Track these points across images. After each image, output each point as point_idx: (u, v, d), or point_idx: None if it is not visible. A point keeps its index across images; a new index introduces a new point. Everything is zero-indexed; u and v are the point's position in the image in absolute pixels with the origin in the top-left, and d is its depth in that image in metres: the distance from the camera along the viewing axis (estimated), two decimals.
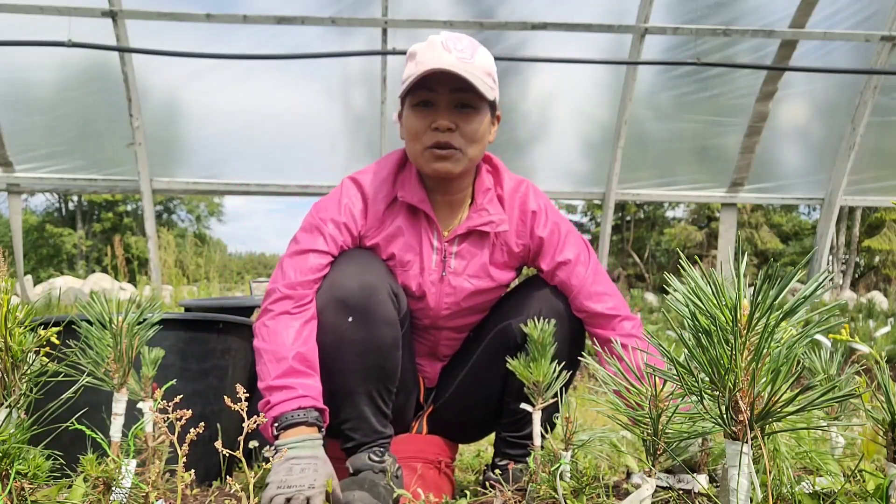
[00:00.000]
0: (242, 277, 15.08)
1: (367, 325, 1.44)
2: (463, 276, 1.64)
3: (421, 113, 1.51)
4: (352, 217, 1.57)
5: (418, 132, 1.52)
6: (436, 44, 1.49)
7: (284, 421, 1.33)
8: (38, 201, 30.89)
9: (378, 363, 1.47)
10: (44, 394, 1.04)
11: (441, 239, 1.62)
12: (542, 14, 5.68)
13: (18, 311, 1.02)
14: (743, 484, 0.69)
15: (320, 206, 1.60)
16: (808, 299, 0.67)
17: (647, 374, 0.87)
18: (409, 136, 1.56)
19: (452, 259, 1.63)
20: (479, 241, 1.64)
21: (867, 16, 5.71)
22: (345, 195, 1.59)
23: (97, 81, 5.85)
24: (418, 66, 1.47)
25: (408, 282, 1.61)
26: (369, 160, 6.34)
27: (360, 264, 1.50)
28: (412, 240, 1.60)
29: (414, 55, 1.51)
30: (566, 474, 1.22)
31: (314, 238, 1.53)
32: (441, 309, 1.66)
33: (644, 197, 6.49)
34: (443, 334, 1.73)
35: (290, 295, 1.46)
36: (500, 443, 1.70)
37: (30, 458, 1.01)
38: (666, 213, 29.19)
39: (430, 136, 1.51)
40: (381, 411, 1.51)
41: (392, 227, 1.59)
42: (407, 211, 1.60)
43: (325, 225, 1.54)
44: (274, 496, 1.21)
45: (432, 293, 1.63)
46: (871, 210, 20.96)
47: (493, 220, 1.61)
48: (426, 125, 1.51)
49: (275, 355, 1.39)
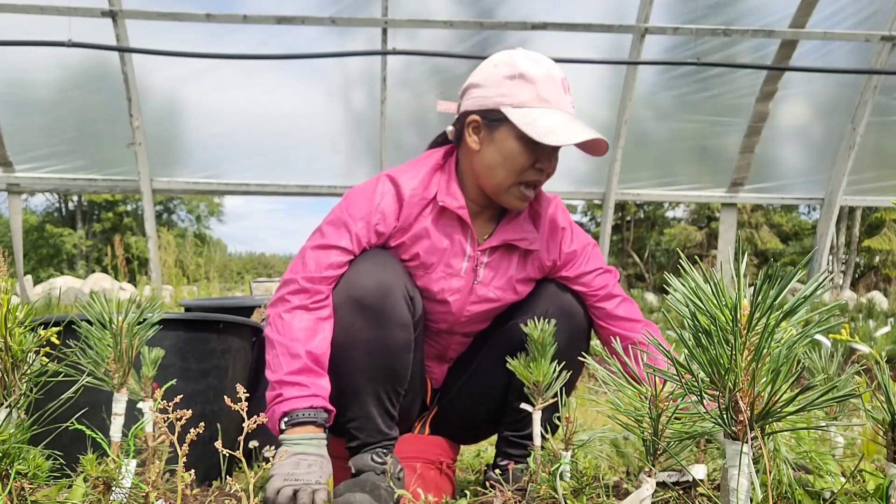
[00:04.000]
0: (242, 277, 15.09)
1: (380, 326, 1.44)
2: (490, 286, 1.62)
3: (530, 150, 1.47)
4: (383, 217, 1.53)
5: (521, 167, 1.49)
6: (557, 81, 1.48)
7: (295, 418, 1.34)
8: (38, 201, 30.91)
9: (389, 364, 1.47)
10: (44, 394, 1.04)
11: (475, 247, 1.60)
12: (542, 14, 5.67)
13: (18, 311, 1.01)
14: (743, 484, 0.69)
15: (352, 200, 1.55)
16: (808, 299, 0.67)
17: (647, 373, 0.87)
18: (506, 166, 1.50)
19: (482, 269, 1.61)
20: (510, 255, 1.63)
21: (867, 16, 5.71)
22: (379, 193, 1.55)
23: (97, 81, 5.84)
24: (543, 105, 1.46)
25: (430, 285, 1.59)
26: (369, 160, 6.39)
27: (378, 264, 1.49)
28: (440, 243, 1.57)
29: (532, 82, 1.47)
30: (566, 474, 1.22)
31: (340, 234, 1.51)
32: (462, 315, 1.65)
33: (644, 197, 6.49)
34: (455, 339, 1.73)
35: (308, 289, 1.46)
36: (501, 442, 1.70)
37: (30, 458, 1.01)
38: (666, 213, 29.19)
39: (532, 173, 1.51)
40: (388, 413, 1.50)
41: (420, 227, 1.56)
42: (439, 214, 1.57)
43: (353, 223, 1.51)
44: (281, 488, 1.22)
45: (456, 299, 1.62)
46: (871, 210, 20.96)
47: (527, 236, 1.61)
48: (531, 163, 1.49)
49: (289, 350, 1.40)
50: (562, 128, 1.43)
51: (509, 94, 1.47)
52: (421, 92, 6.12)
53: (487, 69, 1.52)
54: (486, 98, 1.50)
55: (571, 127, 1.44)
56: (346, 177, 6.29)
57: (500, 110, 1.48)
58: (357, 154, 6.48)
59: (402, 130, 6.24)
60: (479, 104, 1.51)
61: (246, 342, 1.97)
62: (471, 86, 1.55)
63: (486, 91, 1.50)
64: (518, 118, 1.45)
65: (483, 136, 1.52)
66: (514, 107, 1.46)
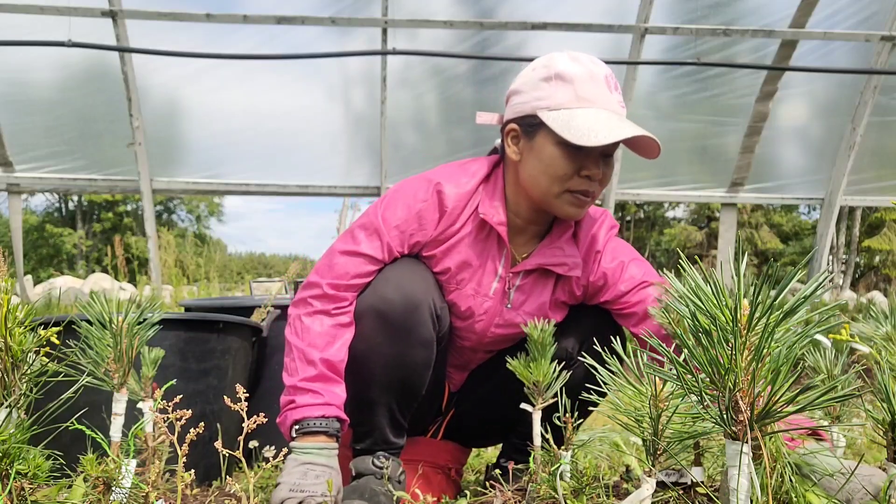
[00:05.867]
0: (242, 277, 15.08)
1: (401, 343, 1.39)
2: (520, 311, 1.54)
3: (571, 155, 1.37)
4: (420, 226, 1.45)
5: (565, 175, 1.38)
6: (599, 79, 1.37)
7: (306, 426, 1.31)
8: (38, 201, 30.91)
9: (405, 380, 1.43)
10: (44, 394, 1.04)
11: (507, 267, 1.52)
12: (542, 14, 5.67)
13: (18, 311, 1.01)
14: (743, 484, 0.69)
15: (390, 203, 1.46)
16: (808, 299, 0.67)
17: (646, 373, 0.87)
18: (548, 175, 1.39)
19: (513, 291, 1.53)
20: (545, 279, 1.54)
21: (867, 16, 5.70)
22: (421, 202, 1.45)
23: (97, 81, 5.84)
24: (582, 105, 1.35)
25: (458, 301, 1.52)
26: (369, 160, 6.38)
27: (407, 275, 1.42)
28: (474, 259, 1.49)
29: (570, 82, 1.36)
30: (566, 474, 1.22)
31: (371, 242, 1.43)
32: (486, 336, 1.59)
33: (644, 197, 6.49)
34: (478, 355, 1.69)
35: (332, 295, 1.41)
36: (507, 447, 1.69)
37: (30, 458, 1.01)
38: (666, 213, 29.19)
39: (579, 182, 1.39)
40: (398, 424, 1.47)
41: (456, 240, 1.48)
42: (478, 227, 1.48)
43: (387, 230, 1.43)
44: (286, 499, 1.20)
45: (482, 320, 1.55)
46: (871, 210, 20.95)
47: (566, 262, 1.51)
48: (575, 170, 1.38)
49: (305, 355, 1.36)
50: (603, 127, 1.31)
51: (546, 97, 1.38)
52: (421, 92, 6.11)
53: (526, 73, 1.44)
54: (523, 104, 1.41)
55: (614, 125, 1.33)
56: (346, 177, 6.29)
57: (536, 115, 1.38)
58: (357, 154, 6.47)
59: (402, 130, 6.23)
60: (517, 111, 1.43)
61: (246, 342, 1.97)
62: (511, 93, 1.47)
63: (523, 97, 1.42)
64: (553, 120, 1.35)
65: (522, 145, 1.43)
66: (550, 109, 1.37)
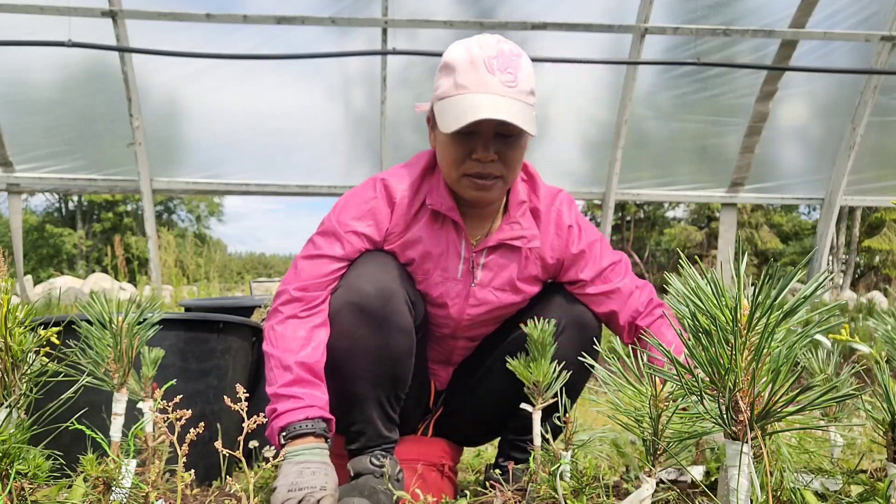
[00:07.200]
0: (242, 277, 15.06)
1: (382, 333, 1.41)
2: (489, 288, 1.58)
3: (459, 141, 1.41)
4: (375, 223, 1.50)
5: (456, 160, 1.43)
6: (478, 63, 1.36)
7: (292, 431, 1.32)
8: (38, 201, 30.90)
9: (391, 371, 1.45)
10: (44, 394, 1.04)
11: (469, 248, 1.55)
12: (542, 14, 5.67)
13: (18, 311, 1.01)
14: (743, 484, 0.69)
15: (342, 209, 1.52)
16: (808, 299, 0.67)
17: (647, 373, 0.87)
18: (447, 162, 1.45)
19: (479, 270, 1.56)
20: (509, 255, 1.57)
21: (867, 16, 5.71)
22: (371, 199, 1.51)
23: (97, 81, 5.84)
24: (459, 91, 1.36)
25: (429, 290, 1.56)
26: (369, 160, 6.38)
27: (378, 267, 1.45)
28: (435, 247, 1.53)
29: (452, 70, 1.39)
30: (566, 474, 1.22)
31: (331, 244, 1.48)
32: (463, 319, 1.61)
33: (644, 197, 6.49)
34: (459, 343, 1.70)
35: (301, 298, 1.43)
36: (504, 445, 1.70)
37: (30, 458, 1.01)
38: (666, 213, 29.19)
39: (471, 165, 1.42)
40: (389, 417, 1.49)
41: (414, 231, 1.52)
42: (432, 217, 1.53)
43: (343, 231, 1.48)
44: (286, 499, 1.20)
45: (455, 303, 1.58)
46: (871, 210, 20.95)
47: (525, 235, 1.55)
48: (465, 153, 1.42)
49: (281, 362, 1.38)
50: (468, 112, 1.32)
51: (437, 87, 1.44)
52: (421, 92, 6.11)
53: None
54: (432, 96, 1.48)
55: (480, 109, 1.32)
56: (346, 177, 6.29)
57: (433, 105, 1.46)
58: (357, 154, 6.47)
59: (402, 130, 6.23)
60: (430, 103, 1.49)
61: (246, 342, 1.97)
62: None
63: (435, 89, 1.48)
64: (437, 110, 1.41)
65: (434, 135, 1.50)
66: (438, 99, 1.42)
